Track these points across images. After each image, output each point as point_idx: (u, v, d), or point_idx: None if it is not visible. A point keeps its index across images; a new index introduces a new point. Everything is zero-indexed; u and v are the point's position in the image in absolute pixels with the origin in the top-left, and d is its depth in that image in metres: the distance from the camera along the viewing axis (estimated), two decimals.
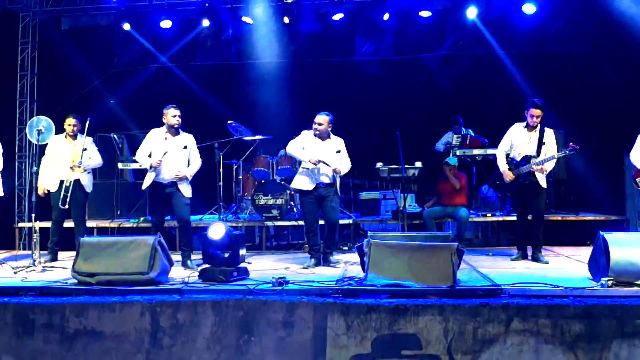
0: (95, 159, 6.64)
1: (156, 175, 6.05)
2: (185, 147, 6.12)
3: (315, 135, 6.18)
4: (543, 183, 6.06)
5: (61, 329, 4.44)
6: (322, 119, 6.13)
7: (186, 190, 6.10)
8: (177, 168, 6.04)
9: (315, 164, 6.06)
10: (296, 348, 4.29)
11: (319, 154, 6.09)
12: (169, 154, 6.00)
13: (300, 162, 6.26)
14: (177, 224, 6.26)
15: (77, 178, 6.43)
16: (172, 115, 6.04)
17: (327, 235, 6.25)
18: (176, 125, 6.06)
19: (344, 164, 6.19)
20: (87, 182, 6.55)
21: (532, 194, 6.10)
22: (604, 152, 8.05)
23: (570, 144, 5.91)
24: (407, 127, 7.61)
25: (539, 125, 6.04)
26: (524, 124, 6.11)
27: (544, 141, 5.99)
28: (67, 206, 6.34)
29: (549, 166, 5.99)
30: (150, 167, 6.02)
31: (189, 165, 6.16)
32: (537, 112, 5.94)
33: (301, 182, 6.19)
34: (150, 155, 6.08)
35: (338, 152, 6.17)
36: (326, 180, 6.11)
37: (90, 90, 9.48)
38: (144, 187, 6.16)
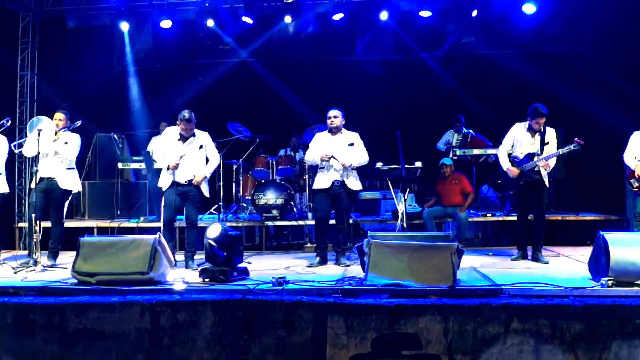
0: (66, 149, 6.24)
1: (173, 176, 6.06)
2: (201, 147, 6.16)
3: (330, 129, 6.24)
4: (546, 181, 6.07)
5: (61, 329, 4.44)
6: (337, 112, 6.23)
7: (205, 189, 6.16)
8: (195, 168, 6.08)
9: (327, 160, 6.09)
10: (296, 348, 4.29)
11: (331, 150, 6.15)
12: (186, 156, 6.04)
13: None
14: (185, 224, 6.26)
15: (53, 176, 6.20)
16: (182, 128, 6.07)
17: (337, 236, 6.25)
18: (185, 134, 6.09)
19: (359, 156, 6.22)
20: (63, 179, 6.23)
21: (535, 193, 6.10)
22: (604, 152, 8.05)
23: (576, 139, 5.92)
24: (407, 127, 7.61)
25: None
26: (526, 125, 6.12)
27: (546, 140, 6.02)
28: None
29: (553, 162, 6.02)
30: (168, 168, 6.05)
31: (207, 163, 6.21)
32: (543, 120, 5.99)
33: (318, 182, 6.24)
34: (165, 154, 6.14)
35: (351, 144, 6.20)
36: (338, 177, 6.13)
37: (90, 90, 9.48)
38: (164, 187, 6.14)
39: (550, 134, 6.06)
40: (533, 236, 6.18)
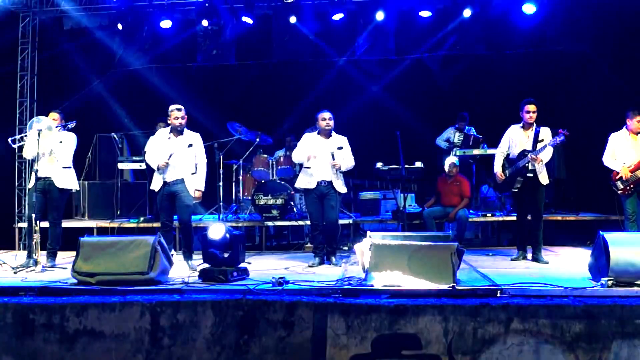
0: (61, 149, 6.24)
1: (163, 176, 6.06)
2: (190, 146, 6.13)
3: (322, 131, 6.25)
4: (543, 179, 6.07)
5: (61, 329, 4.44)
6: (330, 114, 6.24)
7: (191, 190, 6.13)
8: (183, 167, 6.06)
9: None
10: (296, 348, 4.29)
11: (321, 152, 6.17)
12: (175, 154, 6.02)
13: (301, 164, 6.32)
14: (178, 225, 6.26)
15: (49, 175, 6.18)
16: (174, 117, 6.05)
17: (327, 235, 6.27)
18: (178, 127, 6.07)
19: (346, 161, 6.26)
20: (60, 178, 6.21)
21: (531, 192, 6.11)
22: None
23: (560, 130, 5.96)
24: (407, 127, 7.61)
25: (534, 125, 6.11)
26: (521, 124, 6.19)
27: (541, 138, 6.05)
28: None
29: (545, 156, 6.01)
30: (158, 168, 6.04)
31: (196, 164, 6.15)
32: (532, 107, 6.05)
33: (303, 181, 6.26)
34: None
35: (340, 148, 6.23)
36: (327, 177, 6.15)
37: (90, 90, 9.47)
38: (156, 189, 6.12)
39: (545, 132, 6.10)
40: (532, 236, 6.18)
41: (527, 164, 6.02)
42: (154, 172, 6.26)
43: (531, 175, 6.05)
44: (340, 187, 6.24)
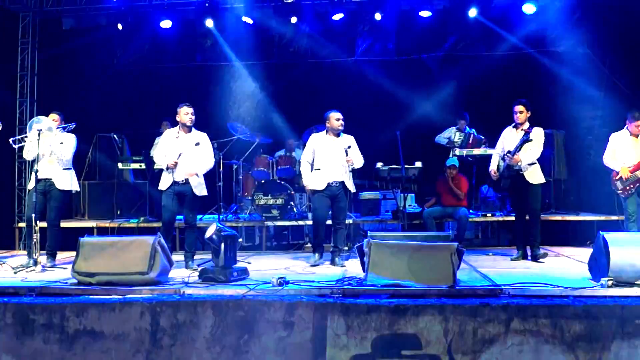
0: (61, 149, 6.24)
1: (172, 175, 6.03)
2: (198, 144, 6.11)
3: (335, 131, 6.25)
4: (531, 178, 6.06)
5: (61, 329, 4.44)
6: (340, 114, 6.24)
7: (200, 190, 6.12)
8: (190, 166, 6.04)
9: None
10: (296, 348, 4.29)
11: (331, 152, 6.19)
12: (183, 154, 6.00)
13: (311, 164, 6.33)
14: (184, 225, 6.24)
15: (50, 177, 6.19)
16: (184, 113, 6.05)
17: (335, 235, 6.28)
18: (189, 124, 6.08)
19: (356, 159, 6.27)
20: (61, 179, 6.23)
21: (522, 192, 6.13)
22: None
23: (526, 129, 6.02)
24: (407, 127, 7.61)
25: (527, 125, 6.13)
26: (513, 124, 6.24)
27: (530, 137, 6.05)
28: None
29: (525, 156, 6.00)
30: (167, 167, 6.02)
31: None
32: (518, 107, 6.10)
33: (314, 182, 6.23)
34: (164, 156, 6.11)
35: (349, 147, 6.22)
36: (339, 178, 6.17)
37: (90, 90, 9.47)
38: (164, 188, 6.07)
39: (536, 132, 6.09)
40: (530, 235, 6.20)
41: (510, 164, 6.07)
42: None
43: (515, 174, 6.08)
44: (352, 186, 6.28)
